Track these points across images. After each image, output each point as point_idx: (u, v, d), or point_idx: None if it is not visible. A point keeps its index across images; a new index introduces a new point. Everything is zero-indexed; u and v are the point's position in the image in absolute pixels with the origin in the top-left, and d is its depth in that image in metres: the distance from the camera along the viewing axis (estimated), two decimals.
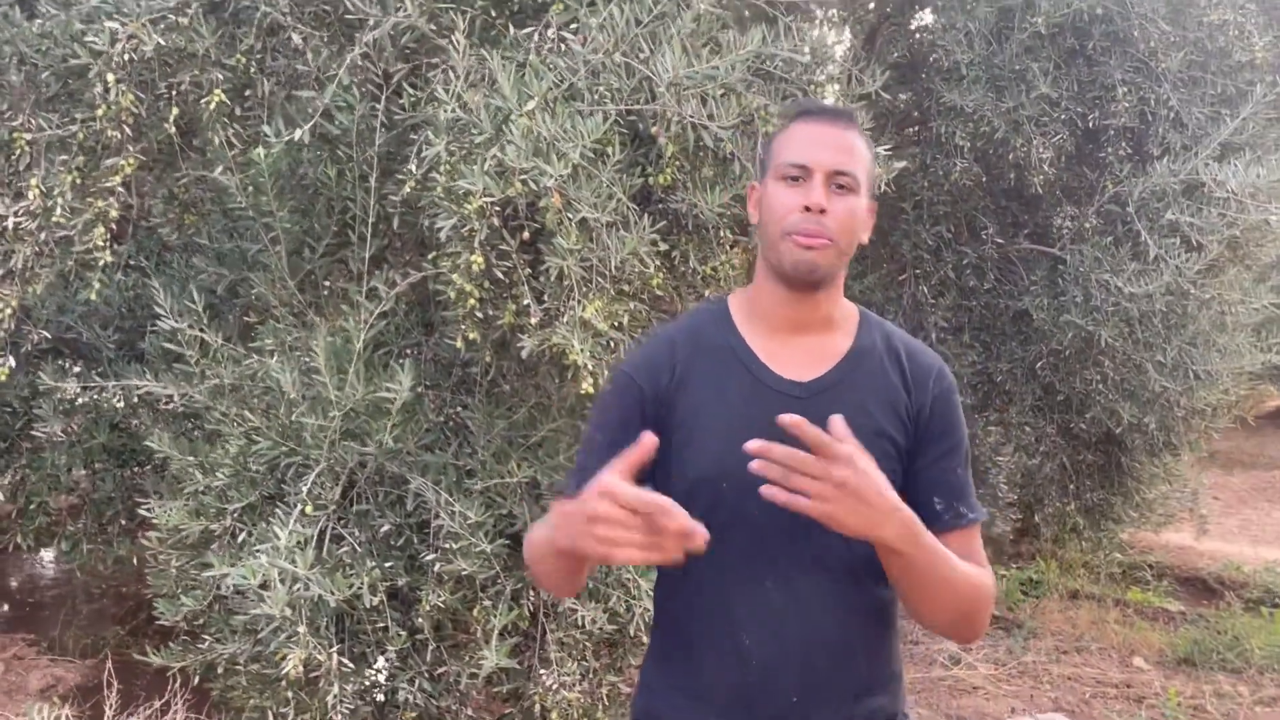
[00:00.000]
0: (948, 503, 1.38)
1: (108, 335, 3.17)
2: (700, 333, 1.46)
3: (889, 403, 1.38)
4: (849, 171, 1.33)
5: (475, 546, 2.39)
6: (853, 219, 1.34)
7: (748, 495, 1.31)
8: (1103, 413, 3.85)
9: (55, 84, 2.32)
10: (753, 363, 1.40)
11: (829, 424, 1.19)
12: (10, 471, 3.12)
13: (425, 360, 2.79)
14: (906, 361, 1.41)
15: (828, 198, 1.32)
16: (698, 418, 1.40)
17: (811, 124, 1.36)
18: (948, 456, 1.40)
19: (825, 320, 1.41)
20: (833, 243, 1.33)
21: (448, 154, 2.22)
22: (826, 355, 1.40)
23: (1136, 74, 3.59)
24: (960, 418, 1.42)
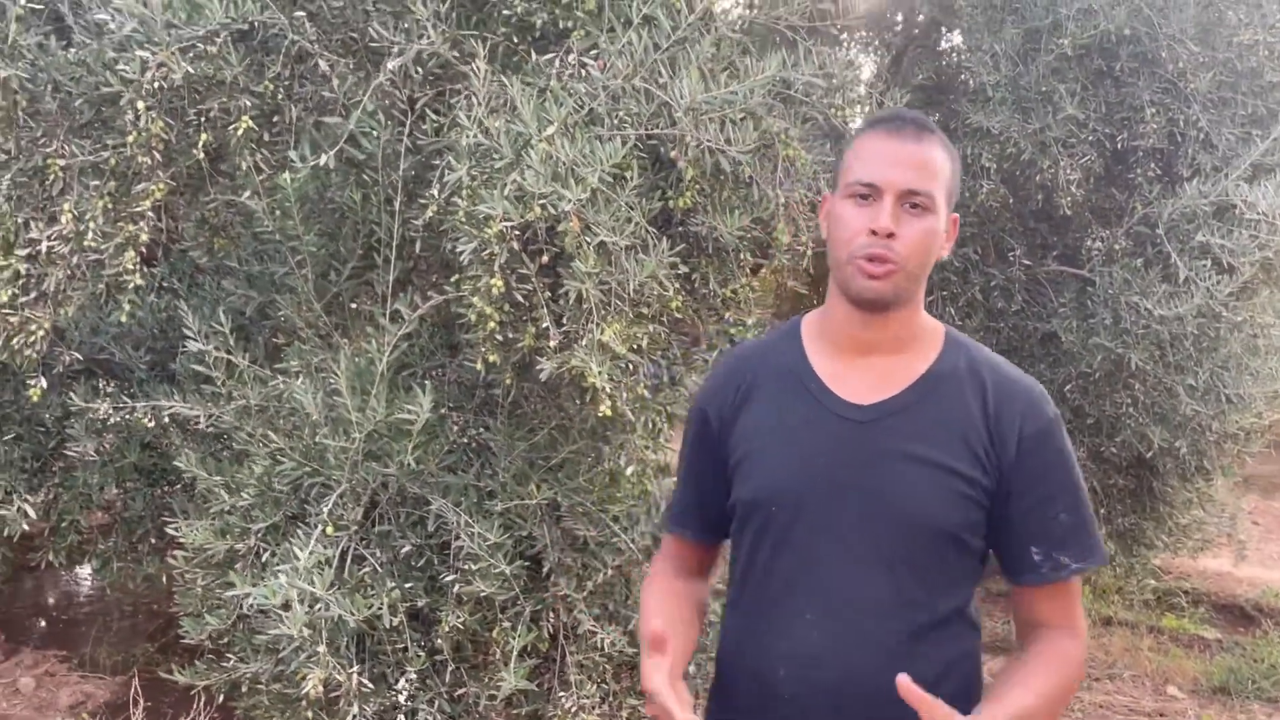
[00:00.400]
0: (1046, 553, 1.27)
1: (140, 356, 3.22)
2: (769, 352, 1.40)
3: (961, 436, 1.27)
4: (923, 190, 1.24)
5: (494, 568, 2.40)
6: (926, 241, 1.25)
7: (796, 521, 1.29)
8: (1133, 436, 3.80)
9: (88, 111, 2.37)
10: (814, 384, 1.33)
11: (897, 684, 1.11)
12: (43, 490, 3.17)
13: (448, 382, 2.81)
14: (991, 391, 1.28)
15: (898, 220, 1.23)
16: (754, 439, 1.34)
17: (885, 138, 1.27)
18: (1047, 502, 1.27)
19: (896, 341, 1.31)
20: (901, 268, 1.24)
21: (469, 179, 2.25)
22: (896, 378, 1.31)
23: (1165, 95, 3.56)
24: (1064, 457, 1.28)
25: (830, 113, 2.69)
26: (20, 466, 3.11)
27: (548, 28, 2.50)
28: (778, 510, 1.31)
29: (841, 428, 1.29)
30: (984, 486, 1.26)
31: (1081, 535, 1.29)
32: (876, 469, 1.27)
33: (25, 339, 2.42)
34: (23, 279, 2.39)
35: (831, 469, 1.29)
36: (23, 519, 3.04)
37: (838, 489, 1.28)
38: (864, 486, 1.27)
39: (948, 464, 1.26)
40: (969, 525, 1.27)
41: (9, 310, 2.39)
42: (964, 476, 1.25)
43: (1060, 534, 1.27)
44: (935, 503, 1.26)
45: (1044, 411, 1.29)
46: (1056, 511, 1.27)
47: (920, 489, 1.26)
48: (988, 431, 1.27)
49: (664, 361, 2.54)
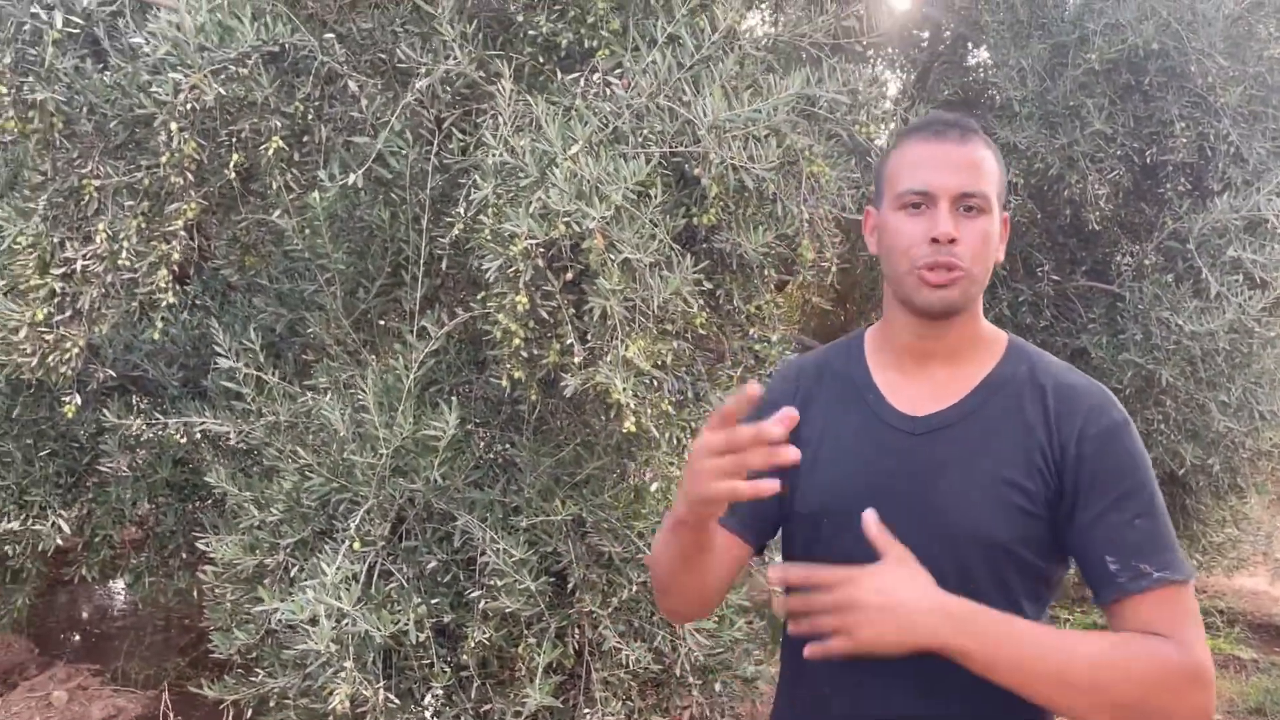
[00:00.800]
0: (1124, 562, 1.15)
1: (172, 373, 3.27)
2: (829, 363, 1.37)
3: (1020, 445, 1.21)
4: (978, 192, 1.21)
5: (520, 584, 2.41)
6: (987, 243, 1.22)
7: (845, 534, 1.24)
8: (1165, 453, 3.76)
9: (123, 132, 2.42)
10: (871, 394, 1.30)
11: (862, 519, 1.09)
12: (77, 505, 3.22)
13: (474, 398, 2.83)
14: (1052, 397, 1.22)
15: (956, 224, 1.19)
16: (807, 447, 1.29)
17: (930, 142, 1.23)
18: (1117, 507, 1.17)
19: (957, 348, 1.27)
20: (966, 273, 1.20)
21: (494, 197, 2.27)
22: (953, 388, 1.26)
23: (1195, 109, 3.53)
24: (1134, 460, 1.19)
25: (855, 129, 2.70)
26: (55, 482, 3.16)
27: (573, 47, 2.52)
28: (828, 521, 1.27)
29: (895, 439, 1.26)
30: (1043, 497, 1.19)
31: (1162, 543, 1.16)
32: (928, 481, 1.23)
33: (60, 357, 2.46)
34: (58, 298, 2.43)
35: (883, 481, 1.25)
36: (57, 534, 3.08)
37: (888, 501, 1.22)
38: (915, 500, 1.22)
39: (1002, 474, 1.20)
40: (1026, 539, 1.20)
41: (45, 328, 2.43)
42: (1019, 487, 1.20)
43: (1136, 540, 1.15)
44: (988, 515, 1.20)
45: (1109, 414, 1.20)
46: (1130, 516, 1.16)
47: (972, 501, 1.21)
48: (1048, 439, 1.20)
49: (688, 377, 2.55)
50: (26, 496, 3.09)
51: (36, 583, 3.47)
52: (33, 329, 2.42)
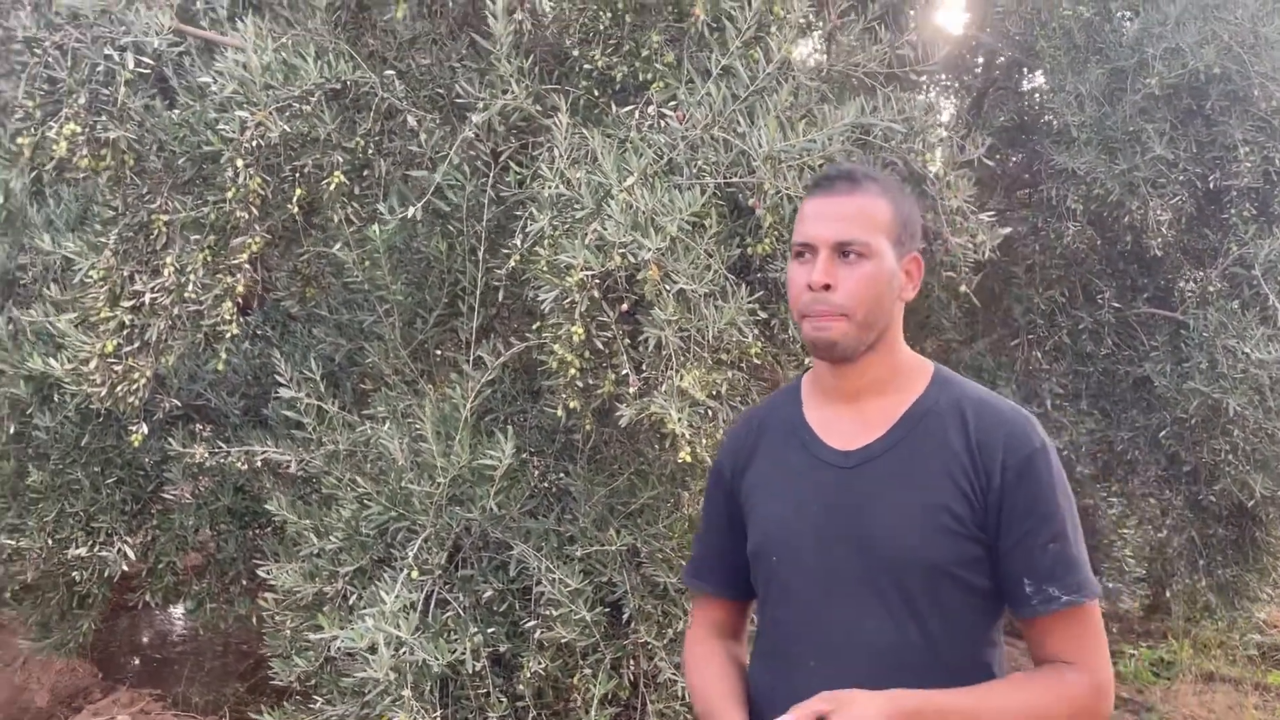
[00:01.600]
0: (1037, 585, 1.26)
1: (234, 402, 3.33)
2: (773, 409, 1.46)
3: (944, 471, 1.28)
4: (854, 239, 1.28)
5: (575, 614, 2.41)
6: (867, 286, 1.28)
7: (794, 569, 1.34)
8: (1233, 484, 3.66)
9: (190, 169, 2.49)
10: (806, 434, 1.38)
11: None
12: (142, 532, 3.29)
13: (530, 427, 2.85)
14: (973, 424, 1.29)
15: (833, 271, 1.27)
16: (757, 491, 1.40)
17: (816, 198, 1.33)
18: (1033, 532, 1.26)
19: (878, 384, 1.35)
20: (846, 316, 1.28)
21: (550, 229, 2.29)
22: (879, 421, 1.34)
23: (1259, 133, 3.46)
24: (1048, 487, 1.27)
25: (910, 157, 2.69)
26: (121, 509, 3.23)
27: (628, 81, 2.55)
28: (778, 560, 1.35)
29: (830, 475, 1.33)
30: (972, 519, 1.27)
31: (1071, 566, 1.26)
32: (864, 513, 1.30)
33: (129, 387, 2.52)
34: (127, 329, 2.50)
35: (822, 516, 1.32)
36: (122, 560, 3.15)
37: (830, 536, 1.31)
38: (853, 531, 1.30)
39: (932, 500, 1.27)
40: (963, 561, 1.27)
41: (114, 359, 2.50)
42: (950, 511, 1.26)
43: (1048, 564, 1.26)
44: (922, 539, 1.27)
45: (1028, 440, 1.28)
46: (1044, 541, 1.26)
47: (905, 527, 1.27)
48: (971, 464, 1.27)
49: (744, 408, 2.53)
50: (93, 523, 3.16)
51: (101, 607, 3.54)
52: (102, 360, 2.49)
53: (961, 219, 2.68)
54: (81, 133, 2.30)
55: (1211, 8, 3.50)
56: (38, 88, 2.28)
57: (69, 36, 2.27)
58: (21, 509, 3.14)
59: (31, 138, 2.30)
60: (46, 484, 3.08)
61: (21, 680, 4.25)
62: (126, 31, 2.30)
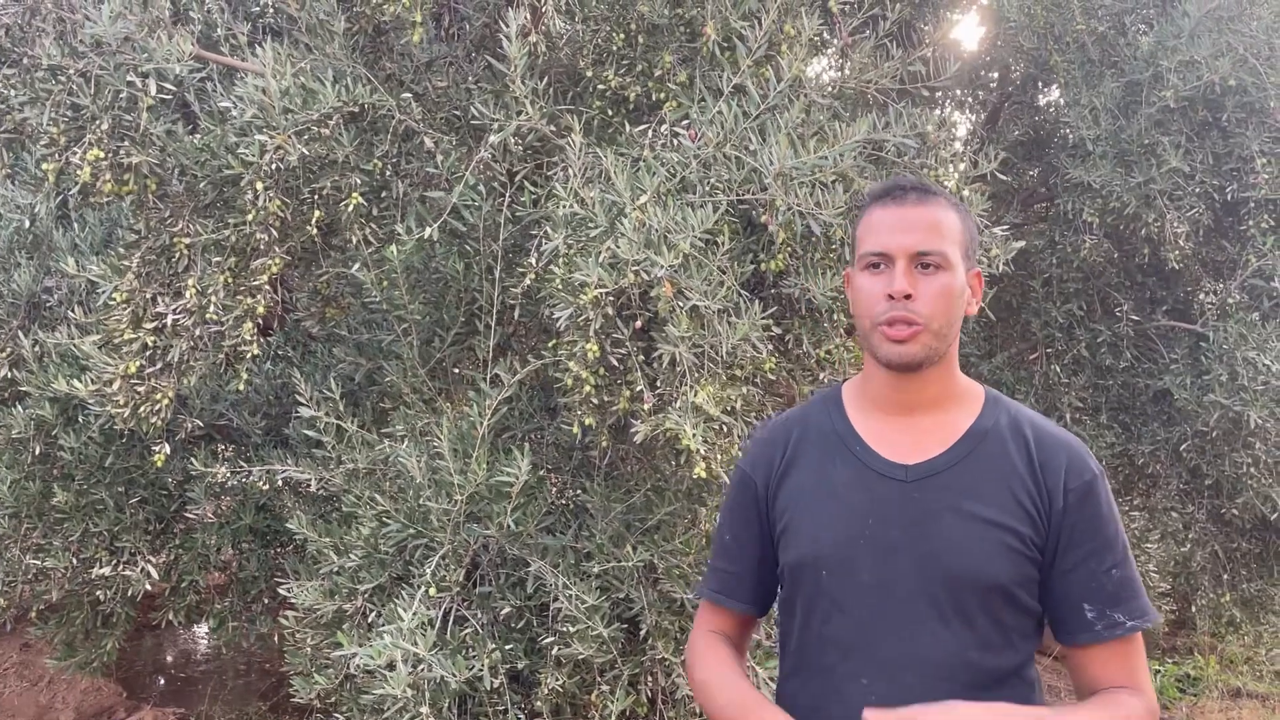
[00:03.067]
0: (1100, 610, 1.26)
1: (256, 421, 3.37)
2: (810, 418, 1.43)
3: (1009, 490, 1.28)
4: (933, 250, 1.28)
5: (592, 630, 2.42)
6: (945, 297, 1.28)
7: (846, 582, 1.31)
8: (1256, 498, 3.63)
9: (211, 192, 2.53)
10: (857, 445, 1.35)
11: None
12: (165, 551, 3.32)
13: (546, 444, 2.86)
14: (1035, 446, 1.30)
15: (913, 281, 1.27)
16: (799, 502, 1.37)
17: (888, 207, 1.32)
18: (1096, 556, 1.27)
19: (937, 400, 1.34)
20: (924, 327, 1.27)
21: (565, 247, 2.32)
22: (939, 437, 1.33)
23: (1276, 145, 3.45)
24: (1109, 511, 1.28)
25: (924, 172, 2.70)
26: (144, 528, 3.27)
27: (641, 100, 2.58)
28: (828, 574, 1.32)
29: (887, 487, 1.31)
30: (1034, 540, 1.27)
31: (1134, 591, 1.28)
32: (925, 527, 1.28)
33: (151, 407, 2.56)
34: (150, 351, 2.54)
35: (880, 529, 1.30)
36: (146, 579, 3.18)
37: (887, 549, 1.29)
38: (913, 545, 1.28)
39: (996, 519, 1.26)
40: (1021, 580, 1.28)
41: (137, 380, 2.53)
42: (1013, 530, 1.26)
43: (1113, 590, 1.26)
44: (985, 557, 1.26)
45: (1089, 466, 1.29)
46: (1107, 567, 1.26)
47: (970, 544, 1.27)
48: (1034, 485, 1.28)
49: (757, 423, 2.54)
50: (117, 543, 3.20)
51: (125, 626, 3.58)
52: (125, 381, 2.53)
53: None
54: (105, 158, 2.35)
55: (1226, 20, 3.50)
56: (62, 114, 2.32)
57: (92, 64, 2.32)
58: (47, 529, 3.18)
59: (56, 164, 2.35)
60: (71, 504, 3.13)
61: (47, 699, 4.29)
62: (149, 58, 2.35)
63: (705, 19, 2.48)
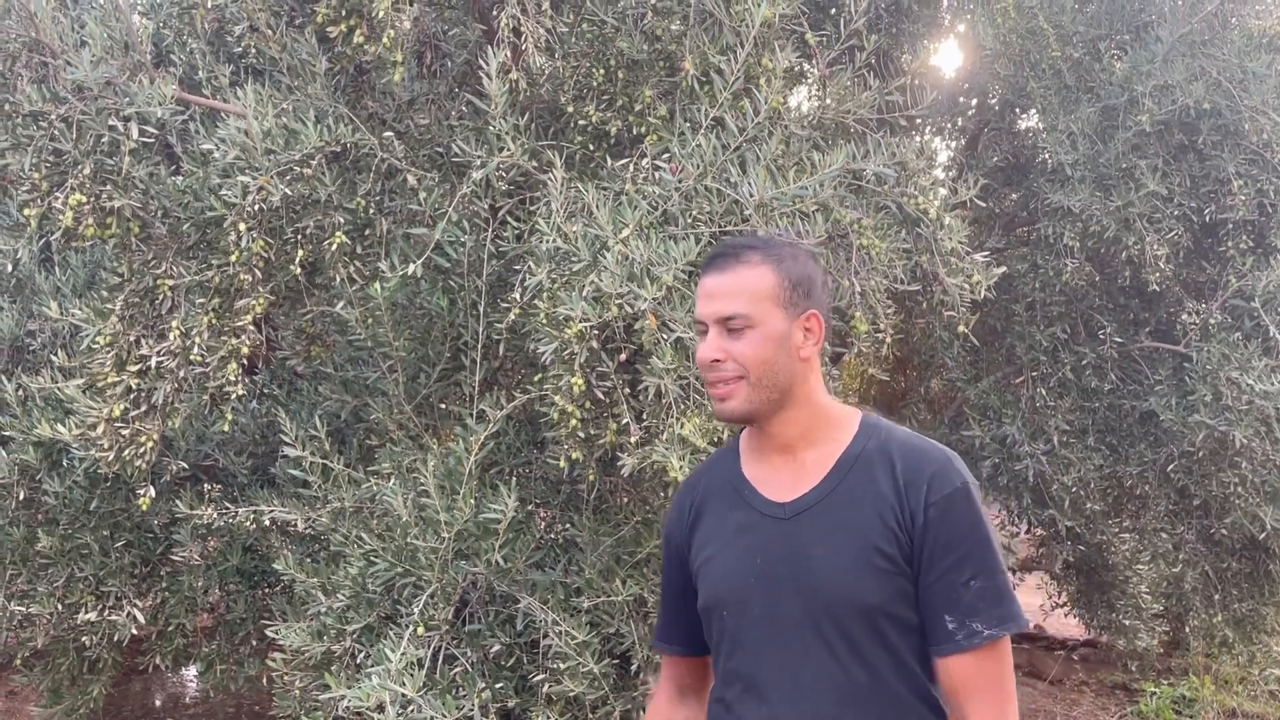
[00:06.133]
0: (960, 620, 1.31)
1: (242, 461, 3.35)
2: (713, 469, 1.53)
3: (877, 513, 1.35)
4: (734, 314, 1.36)
5: (583, 667, 2.40)
6: (755, 352, 1.36)
7: (742, 619, 1.40)
8: (1244, 517, 3.64)
9: (194, 234, 2.53)
10: (746, 489, 1.44)
11: None
12: (151, 594, 3.29)
13: (534, 478, 2.86)
14: (899, 466, 1.36)
15: (721, 344, 1.36)
16: (705, 549, 1.46)
17: (706, 275, 1.42)
18: (956, 568, 1.32)
19: (806, 435, 1.42)
20: (740, 379, 1.36)
21: (549, 281, 2.32)
22: (812, 471, 1.41)
23: (1252, 166, 3.50)
24: (972, 523, 1.33)
25: (904, 200, 2.72)
26: (130, 572, 3.23)
27: (621, 134, 2.60)
28: (728, 614, 1.41)
29: (769, 526, 1.39)
30: (902, 556, 1.33)
31: (995, 600, 1.32)
32: (803, 560, 1.36)
33: (136, 450, 2.54)
34: (134, 393, 2.52)
35: (767, 567, 1.38)
36: (132, 623, 3.15)
37: (774, 585, 1.36)
38: (796, 579, 1.36)
39: (865, 542, 1.33)
40: (897, 597, 1.33)
41: (121, 424, 2.52)
42: (882, 552, 1.32)
43: (971, 600, 1.31)
44: (858, 581, 1.33)
45: (950, 479, 1.34)
46: (966, 578, 1.31)
47: (842, 571, 1.33)
48: (899, 504, 1.33)
49: None
50: (103, 587, 3.16)
51: (112, 672, 3.53)
52: (110, 424, 2.51)
53: (957, 259, 2.71)
54: (87, 202, 2.35)
55: (1199, 45, 3.55)
56: (44, 160, 2.33)
57: (74, 109, 2.32)
58: (31, 574, 3.15)
59: (39, 208, 2.35)
60: (56, 549, 3.09)
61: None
62: (130, 102, 2.35)
63: (683, 54, 2.51)
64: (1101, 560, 4.20)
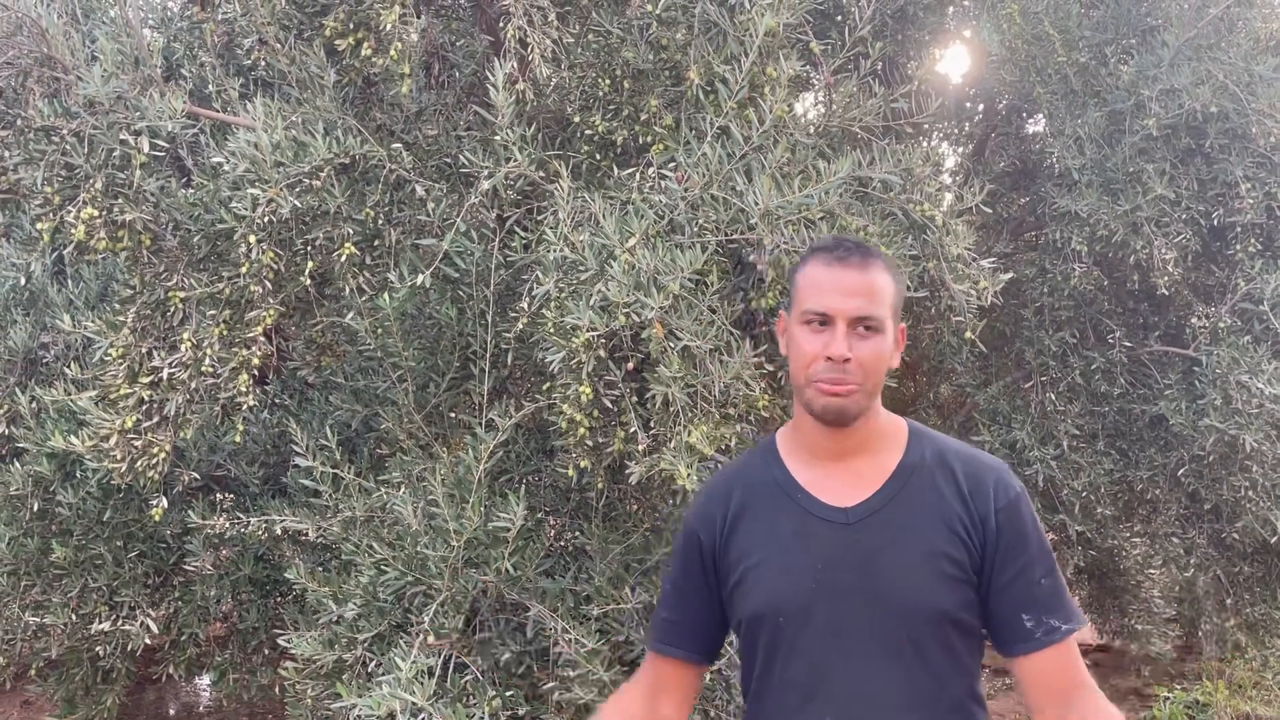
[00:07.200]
0: (1038, 618, 1.34)
1: (253, 471, 3.37)
2: (750, 471, 1.49)
3: (943, 519, 1.36)
4: (873, 316, 1.34)
5: (593, 674, 2.41)
6: (878, 360, 1.35)
7: (804, 629, 1.37)
8: (1255, 521, 3.63)
9: (205, 246, 2.55)
10: (798, 493, 1.42)
11: None
12: (164, 604, 3.31)
13: (544, 486, 2.87)
14: (962, 474, 1.38)
15: (851, 344, 1.34)
16: (751, 555, 1.42)
17: (831, 267, 1.37)
18: (1028, 569, 1.35)
19: (864, 443, 1.41)
20: (859, 386, 1.34)
21: (556, 291, 2.34)
22: (871, 477, 1.40)
23: (1259, 169, 3.49)
24: (1032, 524, 1.37)
25: (910, 207, 2.72)
26: (144, 582, 3.26)
27: (628, 144, 2.61)
28: (784, 621, 1.38)
29: (830, 531, 1.37)
30: (970, 564, 1.34)
31: (1063, 598, 1.37)
32: (870, 566, 1.35)
33: (148, 461, 2.56)
34: (146, 405, 2.55)
35: (828, 573, 1.36)
36: (146, 633, 3.17)
37: (839, 591, 1.35)
38: (863, 585, 1.34)
39: (934, 549, 1.34)
40: (965, 604, 1.35)
41: (133, 435, 2.54)
42: (951, 558, 1.34)
43: (1045, 598, 1.35)
44: (929, 587, 1.33)
45: (1012, 484, 1.38)
46: (1038, 576, 1.35)
47: (915, 577, 1.34)
48: (965, 510, 1.35)
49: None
50: (116, 597, 3.19)
51: (126, 682, 3.55)
52: (122, 436, 2.53)
53: (963, 266, 2.71)
54: (99, 216, 2.37)
55: (1205, 48, 3.54)
56: (56, 174, 2.35)
57: (85, 124, 2.35)
58: (46, 585, 3.17)
59: (51, 222, 2.37)
60: (70, 560, 3.12)
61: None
62: (141, 116, 2.38)
63: (688, 63, 2.52)
64: (1113, 565, 4.19)
